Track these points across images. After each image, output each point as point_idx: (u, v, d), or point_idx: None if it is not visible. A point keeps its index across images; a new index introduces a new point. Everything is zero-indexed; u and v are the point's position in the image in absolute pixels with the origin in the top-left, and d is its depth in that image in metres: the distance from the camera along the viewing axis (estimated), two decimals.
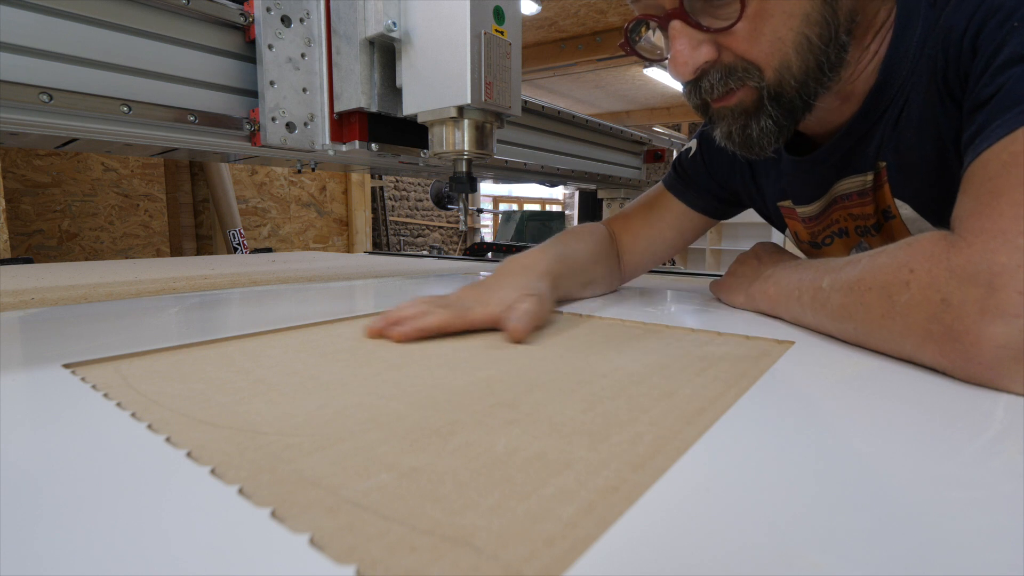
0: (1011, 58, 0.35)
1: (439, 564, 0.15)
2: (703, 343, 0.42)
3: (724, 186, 0.68)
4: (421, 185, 5.09)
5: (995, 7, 0.37)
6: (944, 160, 0.45)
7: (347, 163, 0.90)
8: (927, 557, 0.16)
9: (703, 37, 0.44)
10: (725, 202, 0.70)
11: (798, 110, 0.46)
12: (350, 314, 0.52)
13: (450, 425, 0.25)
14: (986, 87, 0.37)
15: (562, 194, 7.10)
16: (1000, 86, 0.35)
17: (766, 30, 0.42)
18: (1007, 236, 0.31)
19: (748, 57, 0.43)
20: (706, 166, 0.68)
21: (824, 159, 0.54)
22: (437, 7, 0.55)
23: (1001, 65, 0.36)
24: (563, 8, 3.73)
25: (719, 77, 0.45)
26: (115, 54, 0.52)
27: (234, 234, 2.93)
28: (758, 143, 0.47)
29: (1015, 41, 0.35)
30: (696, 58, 0.44)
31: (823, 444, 0.24)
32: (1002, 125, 0.34)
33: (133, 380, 0.31)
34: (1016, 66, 0.35)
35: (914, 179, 0.48)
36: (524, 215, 3.53)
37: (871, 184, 0.52)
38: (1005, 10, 0.37)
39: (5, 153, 2.47)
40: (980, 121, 0.36)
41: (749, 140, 0.47)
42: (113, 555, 0.15)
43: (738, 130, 0.47)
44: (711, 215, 0.71)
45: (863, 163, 0.51)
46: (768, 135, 0.46)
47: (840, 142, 0.52)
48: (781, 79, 0.44)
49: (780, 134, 0.47)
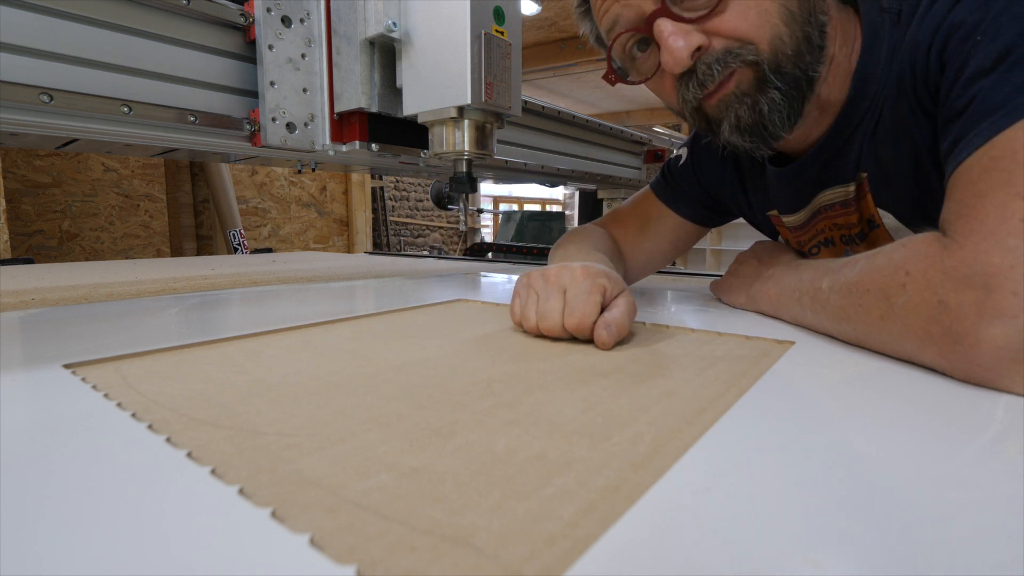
0: (979, 70, 0.36)
1: (439, 564, 0.15)
2: (703, 343, 0.42)
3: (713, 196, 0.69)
4: (421, 185, 5.09)
5: (956, 23, 0.38)
6: (921, 169, 0.46)
7: (347, 163, 0.90)
8: (927, 557, 0.16)
9: (690, 28, 0.44)
10: (714, 211, 0.71)
11: (801, 81, 0.45)
12: (350, 314, 0.52)
13: (450, 425, 0.25)
14: (958, 99, 0.38)
15: (562, 194, 7.10)
16: (972, 97, 0.37)
17: (750, 4, 0.43)
18: (997, 237, 0.31)
19: (739, 34, 0.43)
20: (696, 175, 0.69)
21: (803, 171, 0.54)
22: (437, 7, 0.55)
23: (970, 78, 0.37)
24: (563, 8, 3.73)
25: (715, 58, 0.44)
26: (115, 54, 0.52)
27: (234, 234, 2.93)
28: (770, 120, 0.46)
29: (981, 55, 0.37)
30: (690, 42, 0.43)
31: (823, 444, 0.24)
32: (978, 134, 0.35)
33: (133, 380, 0.31)
34: (985, 78, 0.36)
35: (894, 188, 0.49)
36: (524, 215, 3.53)
37: (853, 195, 0.52)
38: (967, 26, 0.38)
39: (5, 153, 2.47)
40: (956, 132, 0.38)
41: (761, 119, 0.46)
42: (113, 555, 0.15)
43: (746, 112, 0.46)
44: (703, 224, 0.72)
45: (844, 175, 0.52)
46: (779, 109, 0.45)
47: (818, 154, 0.52)
48: (776, 51, 0.44)
49: (791, 108, 0.46)
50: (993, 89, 0.35)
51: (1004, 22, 0.36)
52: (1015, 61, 0.35)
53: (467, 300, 0.63)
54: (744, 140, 0.48)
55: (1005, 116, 0.34)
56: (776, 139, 0.47)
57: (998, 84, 0.35)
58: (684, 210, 0.70)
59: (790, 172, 0.56)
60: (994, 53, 0.36)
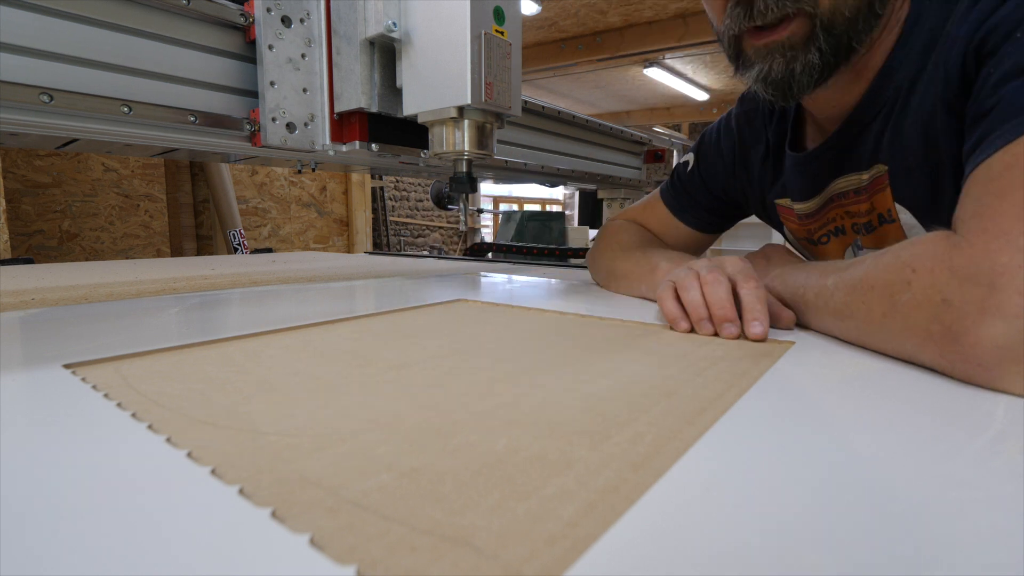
0: (1011, 71, 0.36)
1: (439, 564, 0.15)
2: (703, 343, 0.42)
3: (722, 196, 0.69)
4: (421, 185, 5.09)
5: (997, 23, 0.38)
6: (939, 169, 0.46)
7: (347, 163, 0.90)
8: (927, 557, 0.16)
9: None
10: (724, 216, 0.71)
11: (843, 50, 0.45)
12: (350, 314, 0.52)
13: (450, 425, 0.25)
14: (988, 99, 0.38)
15: (562, 194, 7.10)
16: (1000, 98, 0.36)
17: None
18: (1009, 236, 0.31)
19: None
20: (704, 181, 0.70)
21: (822, 156, 0.54)
22: (437, 7, 0.55)
23: (1001, 78, 0.37)
24: (563, 8, 3.73)
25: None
26: (115, 54, 0.52)
27: (234, 234, 2.93)
28: (798, 81, 0.46)
29: (1016, 55, 0.36)
30: None
31: (823, 444, 0.24)
32: (1001, 136, 0.35)
33: (133, 380, 0.31)
34: (1016, 79, 0.36)
35: (913, 184, 0.49)
36: (524, 215, 3.52)
37: (867, 184, 0.52)
38: (1008, 24, 0.38)
39: (5, 153, 2.47)
40: (980, 133, 0.37)
41: (791, 77, 0.46)
42: (113, 555, 0.15)
43: (780, 66, 0.46)
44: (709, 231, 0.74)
45: (860, 161, 0.52)
46: (811, 71, 0.46)
47: (842, 133, 0.52)
48: (836, 9, 0.44)
49: (823, 73, 0.46)
50: (1020, 92, 0.35)
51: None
52: None
53: (467, 300, 0.63)
54: (767, 91, 0.48)
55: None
56: (797, 97, 0.48)
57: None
58: (691, 220, 0.71)
59: (808, 157, 0.56)
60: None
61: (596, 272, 0.78)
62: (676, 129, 6.93)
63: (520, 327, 0.47)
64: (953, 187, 0.41)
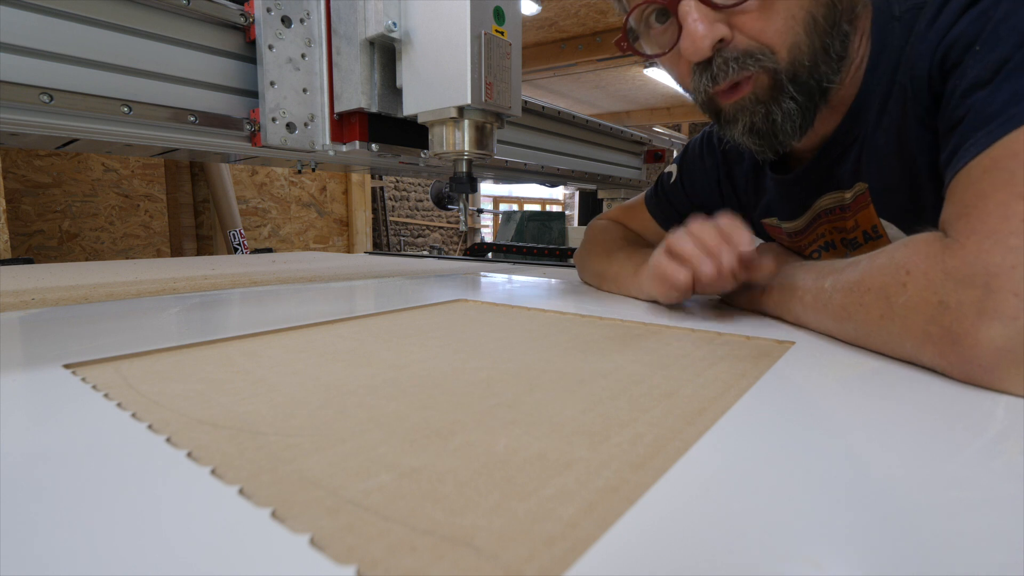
0: (977, 82, 0.37)
1: (439, 564, 0.15)
2: (703, 343, 0.42)
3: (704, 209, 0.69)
4: (421, 185, 5.09)
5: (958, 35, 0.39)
6: (916, 182, 0.46)
7: (347, 163, 0.90)
8: (927, 557, 0.16)
9: (716, 16, 0.43)
10: None
11: (815, 92, 0.46)
12: (350, 314, 0.52)
13: (450, 425, 0.25)
14: (956, 109, 0.39)
15: (562, 194, 7.10)
16: (969, 108, 0.37)
17: (779, 7, 0.43)
18: (998, 236, 0.32)
19: (762, 39, 0.44)
20: (686, 193, 0.71)
21: (805, 177, 0.55)
22: (437, 7, 0.55)
23: (968, 89, 0.38)
24: (563, 8, 3.73)
25: (734, 56, 0.44)
26: (115, 54, 0.52)
27: (234, 234, 2.93)
28: (782, 129, 0.47)
29: (979, 66, 0.37)
30: (713, 32, 0.43)
31: (823, 444, 0.24)
32: (975, 144, 0.36)
33: (133, 380, 0.31)
34: (982, 89, 0.37)
35: (895, 199, 0.49)
36: (524, 215, 3.52)
37: (849, 201, 0.53)
38: (967, 37, 0.38)
39: (5, 153, 2.47)
40: (955, 143, 0.38)
41: (774, 127, 0.47)
42: (113, 555, 0.15)
43: (761, 120, 0.47)
44: None
45: (842, 180, 0.53)
46: (792, 118, 0.46)
47: (821, 159, 0.53)
48: (794, 60, 0.44)
49: (803, 118, 0.46)
50: (988, 100, 0.36)
51: (1002, 33, 0.36)
52: (1011, 71, 0.35)
53: (467, 300, 0.63)
54: (755, 143, 0.49)
55: (1001, 126, 0.34)
56: (786, 146, 0.48)
57: (994, 95, 0.36)
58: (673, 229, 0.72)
59: (791, 180, 0.56)
60: (991, 64, 0.36)
61: (584, 272, 0.79)
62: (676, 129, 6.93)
63: (520, 327, 0.47)
64: (935, 198, 0.42)
